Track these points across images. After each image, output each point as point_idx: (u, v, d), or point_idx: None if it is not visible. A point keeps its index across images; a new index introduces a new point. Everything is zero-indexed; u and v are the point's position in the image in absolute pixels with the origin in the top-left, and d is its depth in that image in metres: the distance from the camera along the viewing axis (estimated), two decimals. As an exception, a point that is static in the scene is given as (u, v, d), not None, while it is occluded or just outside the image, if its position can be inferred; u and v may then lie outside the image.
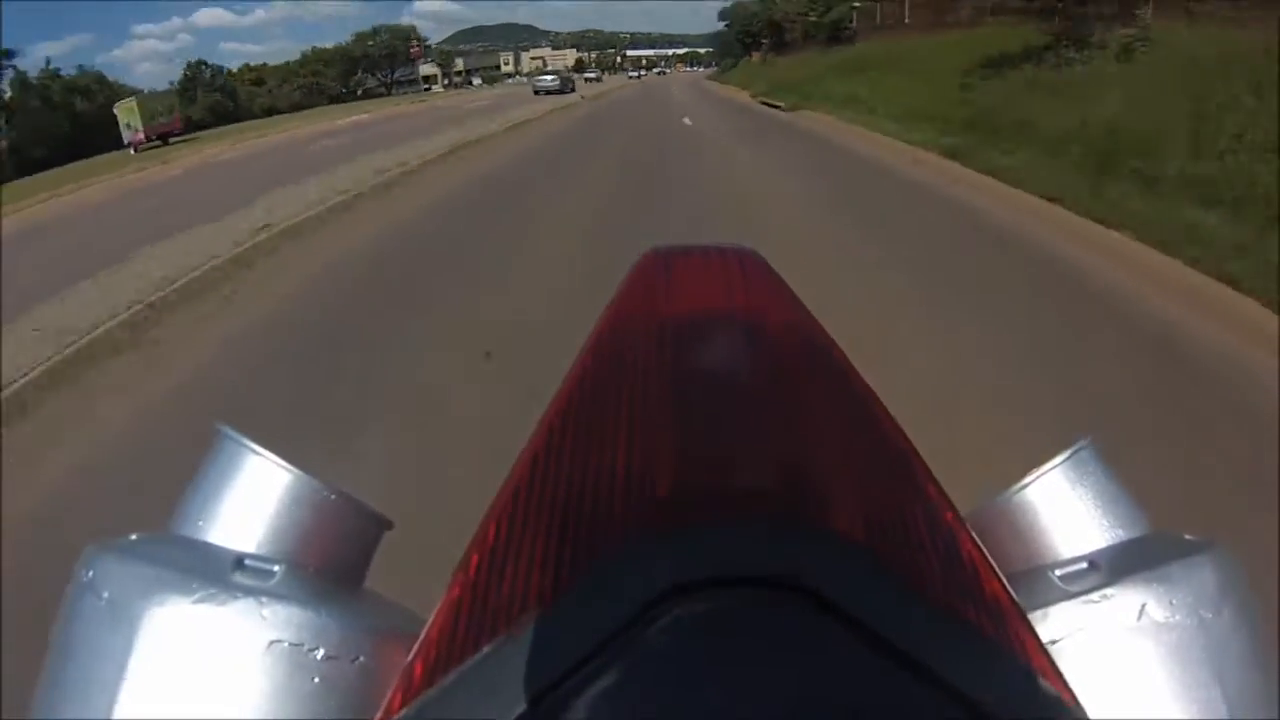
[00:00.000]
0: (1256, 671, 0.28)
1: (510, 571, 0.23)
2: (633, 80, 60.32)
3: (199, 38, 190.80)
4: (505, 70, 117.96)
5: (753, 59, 35.07)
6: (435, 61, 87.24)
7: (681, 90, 26.62)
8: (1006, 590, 0.24)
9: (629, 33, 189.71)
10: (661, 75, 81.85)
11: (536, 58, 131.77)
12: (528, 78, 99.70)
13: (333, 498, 0.34)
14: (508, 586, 0.23)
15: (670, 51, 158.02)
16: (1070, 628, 0.29)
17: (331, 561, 0.34)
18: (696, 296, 0.39)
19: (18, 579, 1.69)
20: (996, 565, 0.26)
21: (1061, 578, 0.32)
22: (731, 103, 17.30)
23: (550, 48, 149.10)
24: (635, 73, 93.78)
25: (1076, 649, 0.29)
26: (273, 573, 0.30)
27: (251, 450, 0.34)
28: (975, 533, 0.27)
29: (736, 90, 21.93)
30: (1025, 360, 2.59)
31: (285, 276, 4.50)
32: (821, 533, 0.22)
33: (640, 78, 71.03)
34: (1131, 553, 0.33)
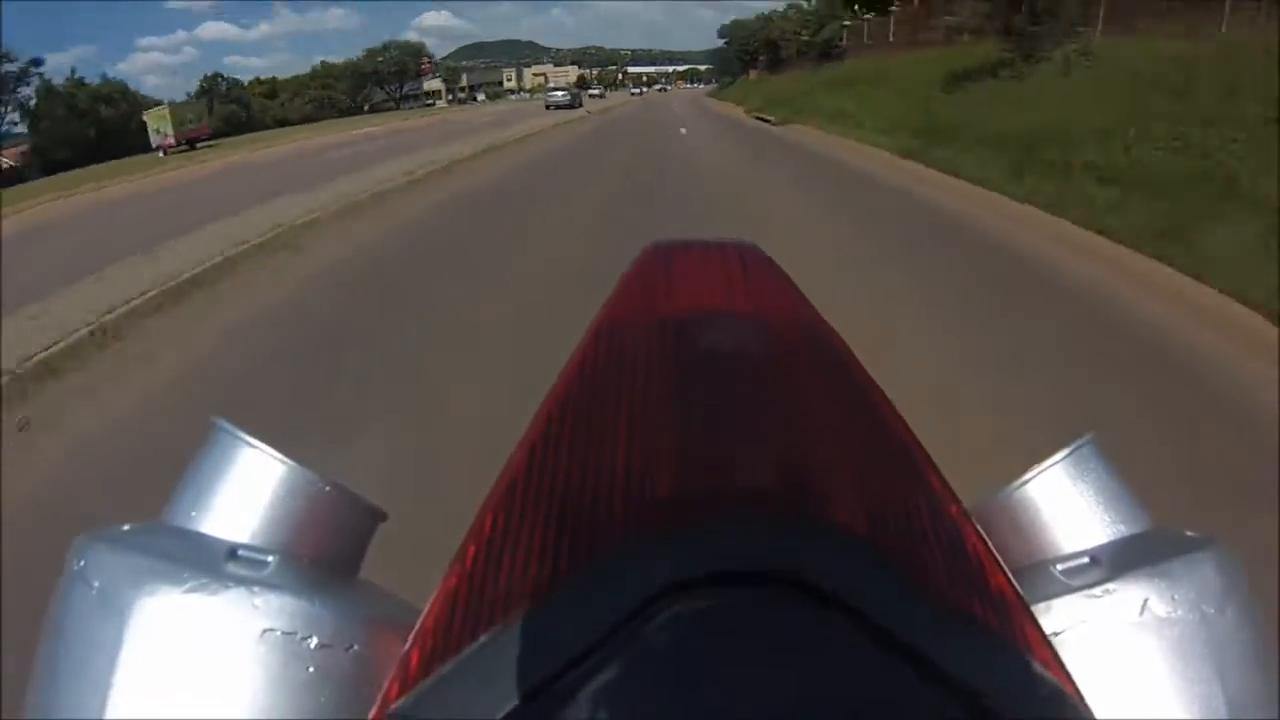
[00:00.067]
0: (1257, 668, 0.29)
1: (508, 564, 0.23)
2: (634, 97, 62.04)
3: (203, 50, 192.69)
4: (508, 86, 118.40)
5: (750, 76, 36.44)
6: (441, 77, 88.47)
7: (681, 106, 28.04)
8: (1011, 584, 0.24)
9: (630, 49, 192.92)
10: (663, 92, 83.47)
11: (539, 74, 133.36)
12: (530, 94, 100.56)
13: (327, 489, 0.34)
14: (505, 578, 0.23)
15: (670, 68, 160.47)
16: (1071, 621, 0.29)
17: (326, 553, 0.34)
18: (697, 291, 0.39)
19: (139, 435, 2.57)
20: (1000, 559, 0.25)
21: (1063, 572, 0.32)
22: (727, 118, 18.55)
23: (552, 64, 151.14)
24: (637, 90, 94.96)
25: (1077, 643, 0.29)
26: (266, 563, 0.30)
27: (246, 443, 0.34)
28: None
29: (733, 106, 23.24)
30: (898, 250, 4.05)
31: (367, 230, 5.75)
32: (822, 527, 0.22)
33: (642, 94, 72.49)
34: (1133, 548, 0.33)
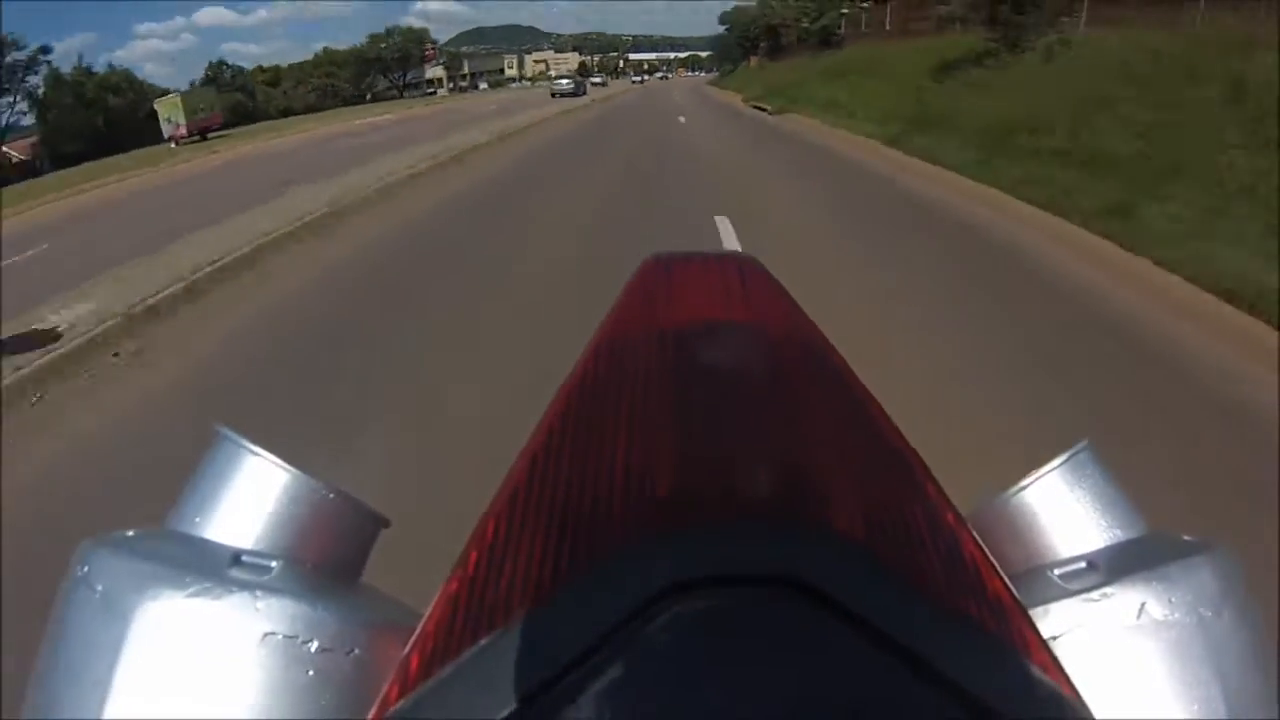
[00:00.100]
0: (1256, 671, 0.29)
1: (509, 568, 0.23)
2: (635, 85, 62.41)
3: (201, 37, 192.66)
4: (509, 74, 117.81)
5: (751, 63, 36.55)
6: (443, 64, 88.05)
7: (681, 95, 28.30)
8: (1008, 587, 0.24)
9: (630, 35, 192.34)
10: (664, 79, 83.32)
11: (539, 61, 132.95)
12: (531, 82, 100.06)
13: (331, 496, 0.34)
14: (506, 582, 0.23)
15: (671, 55, 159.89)
16: (1069, 625, 0.29)
17: (328, 558, 0.34)
18: (697, 302, 0.40)
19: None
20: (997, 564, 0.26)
21: (1060, 577, 0.32)
22: (726, 107, 18.91)
23: (553, 50, 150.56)
24: (638, 77, 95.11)
25: (1076, 646, 0.29)
26: (269, 568, 0.30)
27: (250, 451, 0.34)
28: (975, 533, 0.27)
29: (732, 95, 23.53)
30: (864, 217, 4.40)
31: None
32: (822, 532, 0.22)
33: (643, 82, 72.84)
34: (1130, 553, 0.33)
